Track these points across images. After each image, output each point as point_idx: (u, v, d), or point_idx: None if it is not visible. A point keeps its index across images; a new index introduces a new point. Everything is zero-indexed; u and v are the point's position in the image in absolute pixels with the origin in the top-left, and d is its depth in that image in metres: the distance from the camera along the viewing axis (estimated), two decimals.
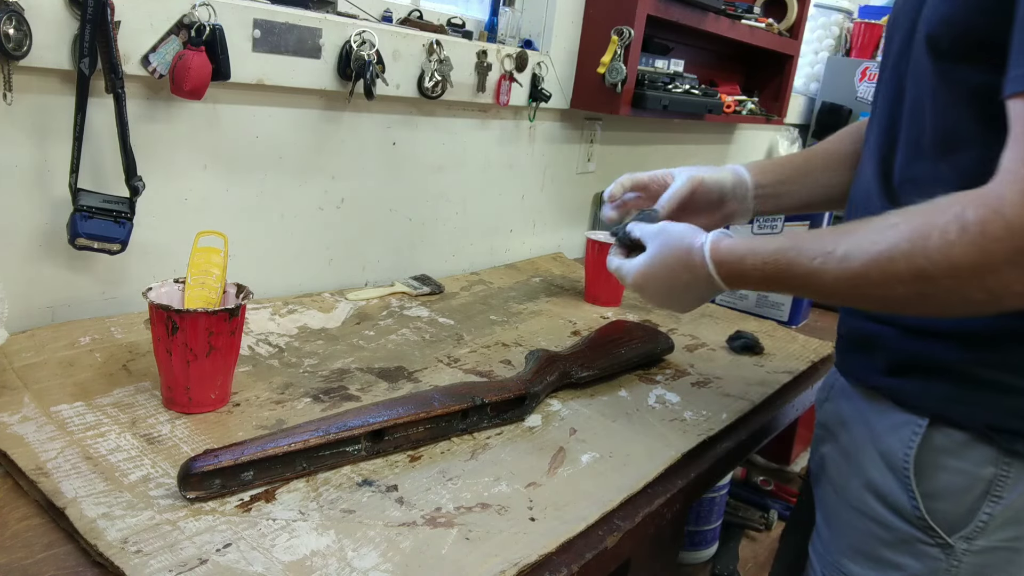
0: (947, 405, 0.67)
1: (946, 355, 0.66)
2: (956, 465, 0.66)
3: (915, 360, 0.69)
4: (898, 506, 0.70)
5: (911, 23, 0.68)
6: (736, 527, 1.57)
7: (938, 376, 0.67)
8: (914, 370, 0.69)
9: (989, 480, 0.65)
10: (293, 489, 0.67)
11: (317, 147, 1.16)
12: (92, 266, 0.95)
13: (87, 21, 0.81)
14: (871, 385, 0.73)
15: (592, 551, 0.65)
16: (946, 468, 0.67)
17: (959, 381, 0.66)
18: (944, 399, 0.67)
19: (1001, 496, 0.65)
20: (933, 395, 0.67)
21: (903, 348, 0.69)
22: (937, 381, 0.67)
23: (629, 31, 1.44)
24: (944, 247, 0.54)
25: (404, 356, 1.00)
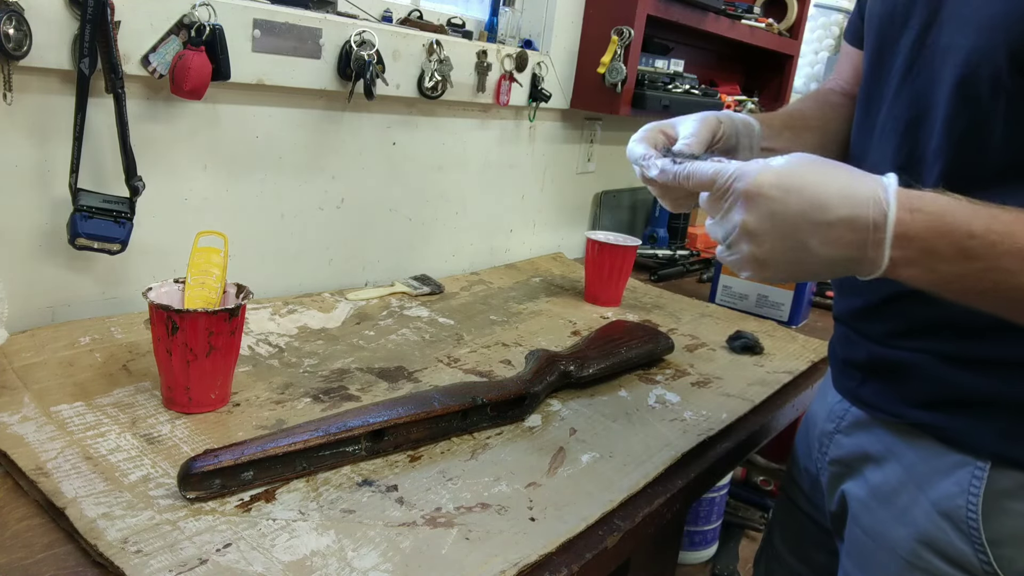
0: (1006, 443, 0.60)
1: (999, 387, 0.60)
2: (1021, 508, 0.61)
3: (961, 393, 0.62)
4: (959, 559, 0.63)
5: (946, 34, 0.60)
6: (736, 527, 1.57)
7: (994, 411, 0.61)
8: (962, 404, 0.62)
9: None
10: (293, 489, 0.67)
11: (317, 147, 1.16)
12: (92, 266, 0.95)
13: (87, 21, 0.81)
14: (908, 421, 0.66)
15: (592, 551, 0.65)
16: (1009, 512, 0.61)
17: (1017, 415, 0.60)
18: (1002, 436, 0.60)
19: None
20: (989, 433, 0.61)
21: (944, 379, 0.63)
22: (993, 417, 0.61)
23: (629, 31, 1.44)
24: None
25: (404, 356, 1.00)
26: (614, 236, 1.35)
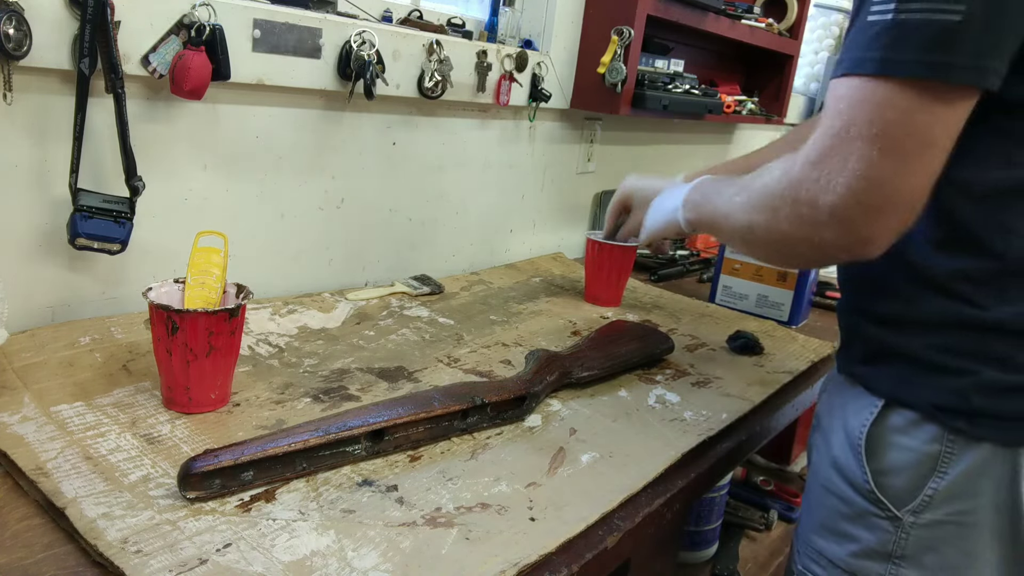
0: (900, 387, 0.72)
1: (903, 342, 0.72)
2: (905, 443, 0.71)
3: (882, 347, 0.74)
4: (854, 481, 0.74)
5: None
6: (736, 527, 1.56)
7: (896, 360, 0.72)
8: (877, 356, 0.74)
9: (935, 457, 0.69)
10: (293, 489, 0.67)
11: (317, 147, 1.16)
12: (92, 266, 0.95)
13: (87, 21, 0.81)
14: (850, 373, 0.78)
15: (592, 551, 0.65)
16: (896, 446, 0.71)
17: (912, 365, 0.71)
18: (899, 381, 0.72)
19: (946, 472, 0.69)
20: (890, 378, 0.73)
21: (873, 336, 0.75)
22: (895, 365, 0.72)
23: (629, 31, 1.44)
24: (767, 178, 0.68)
25: (404, 356, 1.00)
26: None
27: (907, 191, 0.59)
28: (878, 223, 0.60)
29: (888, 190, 0.59)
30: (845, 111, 0.60)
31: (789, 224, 0.65)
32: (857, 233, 0.61)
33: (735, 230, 0.75)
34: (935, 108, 0.58)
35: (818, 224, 0.62)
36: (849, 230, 0.61)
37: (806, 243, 0.64)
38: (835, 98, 0.61)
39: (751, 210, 0.71)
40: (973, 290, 0.67)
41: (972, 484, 0.68)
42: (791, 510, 1.64)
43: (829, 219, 0.61)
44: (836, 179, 0.60)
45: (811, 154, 0.62)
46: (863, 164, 0.58)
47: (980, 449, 0.68)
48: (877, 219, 0.60)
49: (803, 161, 0.63)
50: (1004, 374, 0.67)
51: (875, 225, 0.60)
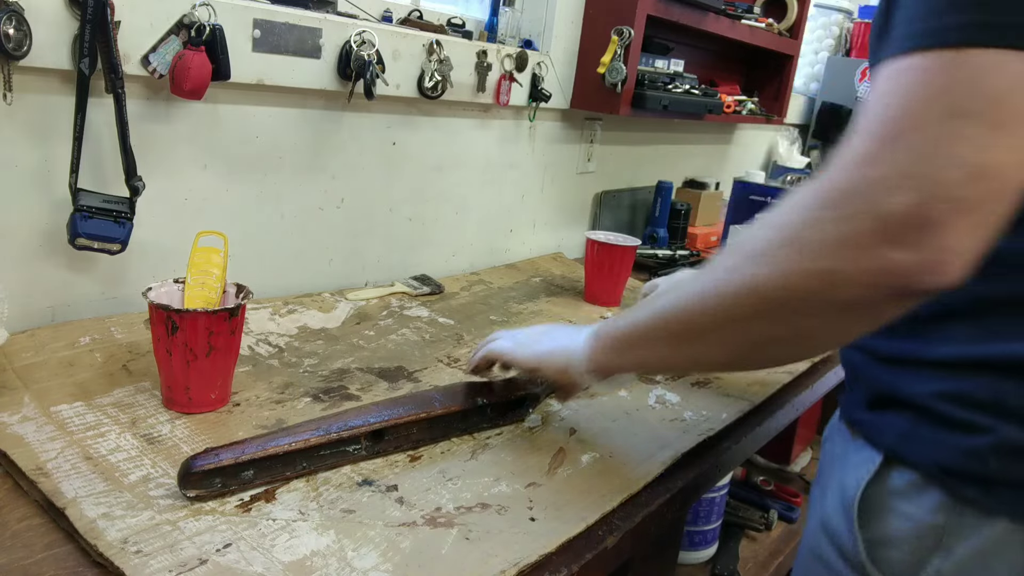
0: (904, 441, 0.60)
1: (914, 386, 0.60)
2: (905, 509, 0.59)
3: (888, 392, 0.62)
4: (845, 549, 0.63)
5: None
6: (736, 527, 1.56)
7: (904, 409, 0.61)
8: (881, 402, 0.63)
9: (939, 530, 0.57)
10: (293, 489, 0.67)
11: (317, 147, 1.16)
12: (92, 266, 0.95)
13: (87, 21, 0.81)
14: (851, 420, 0.67)
15: (592, 551, 0.65)
16: (895, 512, 0.60)
17: (921, 415, 0.59)
18: (902, 434, 0.60)
19: (951, 549, 0.57)
20: (894, 429, 0.61)
21: (877, 378, 0.64)
22: (902, 414, 0.61)
23: (629, 31, 1.44)
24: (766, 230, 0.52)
25: (404, 356, 1.00)
26: (614, 236, 1.35)
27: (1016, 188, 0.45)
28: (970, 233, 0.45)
29: (995, 187, 0.44)
30: (918, 88, 0.46)
31: (833, 255, 0.47)
32: (947, 242, 0.44)
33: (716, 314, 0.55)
34: None
35: (883, 239, 0.45)
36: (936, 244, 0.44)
37: (861, 279, 0.46)
38: (890, 79, 0.47)
39: (741, 270, 0.53)
40: (1002, 321, 0.54)
41: (984, 567, 0.56)
42: (791, 510, 1.64)
43: (904, 228, 0.44)
44: (919, 168, 0.44)
45: (865, 147, 0.46)
46: (969, 146, 0.43)
47: (995, 525, 0.56)
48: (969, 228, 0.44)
49: (845, 163, 0.47)
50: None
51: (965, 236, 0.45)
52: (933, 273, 0.45)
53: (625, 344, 0.67)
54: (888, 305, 0.48)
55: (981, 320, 0.56)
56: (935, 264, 0.45)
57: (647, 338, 0.64)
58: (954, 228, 0.44)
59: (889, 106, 0.46)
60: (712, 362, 0.64)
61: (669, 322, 0.61)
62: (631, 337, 0.67)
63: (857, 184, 0.46)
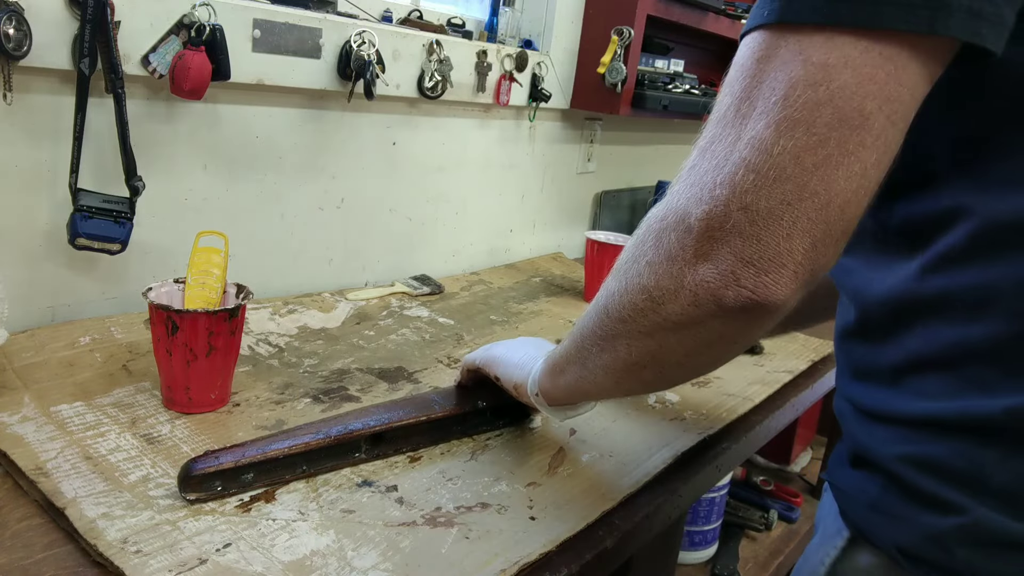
0: (869, 514, 0.51)
1: (882, 447, 0.51)
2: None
3: (861, 450, 0.54)
4: None
5: None
6: (736, 527, 1.56)
7: (877, 473, 0.52)
8: (862, 463, 0.54)
9: None
10: (293, 489, 0.67)
11: (317, 147, 1.16)
12: (92, 266, 0.95)
13: (87, 21, 0.81)
14: (832, 480, 0.58)
15: (592, 551, 0.65)
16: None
17: (888, 482, 0.50)
18: (869, 505, 0.51)
19: None
20: (863, 497, 0.52)
21: (854, 433, 0.55)
22: (873, 479, 0.52)
23: (629, 31, 1.44)
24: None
25: (404, 356, 1.00)
26: (614, 236, 1.35)
27: (823, 193, 0.39)
28: (774, 243, 0.40)
29: (792, 189, 0.39)
30: (736, 82, 0.43)
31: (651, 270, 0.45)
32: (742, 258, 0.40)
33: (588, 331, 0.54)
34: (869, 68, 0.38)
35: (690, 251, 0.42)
36: (732, 254, 0.40)
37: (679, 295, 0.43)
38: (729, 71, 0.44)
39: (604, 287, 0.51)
40: (982, 372, 0.45)
41: None
42: (791, 510, 1.64)
43: (703, 239, 0.41)
44: (716, 176, 0.41)
45: (691, 159, 0.44)
46: (752, 150, 0.40)
47: None
48: (771, 236, 0.40)
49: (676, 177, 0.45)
50: (1009, 519, 0.44)
51: (768, 246, 0.40)
52: (740, 287, 0.41)
53: (555, 368, 0.64)
54: (721, 324, 0.44)
55: (957, 370, 0.47)
56: (739, 278, 0.41)
57: (568, 363, 0.61)
58: (752, 237, 0.40)
59: (714, 109, 0.44)
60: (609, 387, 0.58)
61: (571, 349, 0.59)
62: (558, 362, 0.63)
63: (673, 197, 0.44)
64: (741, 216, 0.40)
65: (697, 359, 0.50)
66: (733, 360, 1.07)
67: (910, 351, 0.49)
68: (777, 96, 0.39)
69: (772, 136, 0.39)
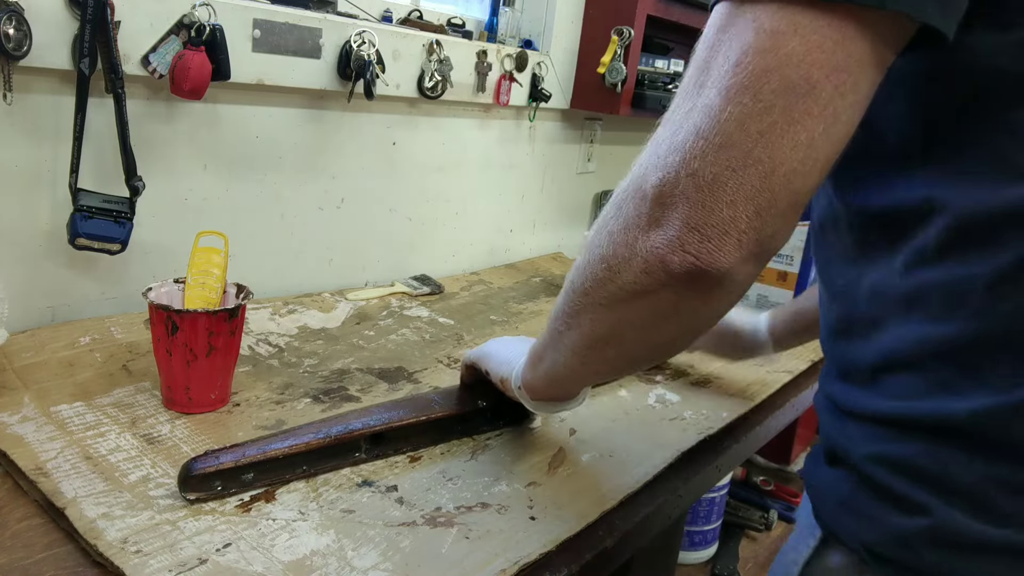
0: (839, 513, 0.51)
1: (855, 446, 0.51)
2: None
3: (834, 448, 0.54)
4: None
5: None
6: (736, 527, 1.57)
7: (846, 471, 0.52)
8: (835, 461, 0.54)
9: None
10: (293, 489, 0.67)
11: (317, 147, 1.16)
12: (92, 266, 0.95)
13: (87, 21, 0.81)
14: (808, 479, 0.57)
15: (592, 551, 0.65)
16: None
17: (859, 481, 0.50)
18: (840, 504, 0.51)
19: None
20: (835, 496, 0.52)
21: (831, 431, 0.55)
22: (844, 478, 0.51)
23: (629, 31, 1.44)
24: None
25: (404, 356, 1.00)
26: None
27: (767, 161, 0.39)
28: (718, 209, 0.40)
29: (736, 155, 0.39)
30: (699, 53, 0.43)
31: (610, 239, 0.45)
32: (688, 224, 0.41)
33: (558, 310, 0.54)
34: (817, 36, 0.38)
35: (644, 219, 0.43)
36: (679, 220, 0.41)
37: (633, 262, 0.44)
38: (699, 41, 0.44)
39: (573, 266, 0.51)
40: (948, 373, 0.45)
41: None
42: (791, 510, 1.64)
43: (655, 204, 0.42)
44: (671, 143, 0.41)
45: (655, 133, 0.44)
46: (703, 116, 0.40)
47: None
48: (716, 203, 0.40)
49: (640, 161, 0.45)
50: (973, 520, 0.44)
51: (713, 212, 0.40)
52: (685, 252, 0.41)
53: (534, 358, 0.64)
54: (673, 293, 0.44)
55: (925, 370, 0.47)
56: (684, 243, 0.41)
57: (545, 350, 0.61)
58: (699, 203, 0.40)
59: (683, 79, 0.44)
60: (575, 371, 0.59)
61: (547, 334, 0.59)
62: (536, 350, 0.64)
63: (637, 165, 0.45)
64: (689, 182, 0.40)
65: (654, 334, 0.50)
66: (733, 360, 1.08)
67: (885, 349, 0.49)
68: (729, 64, 0.40)
69: (721, 102, 0.40)
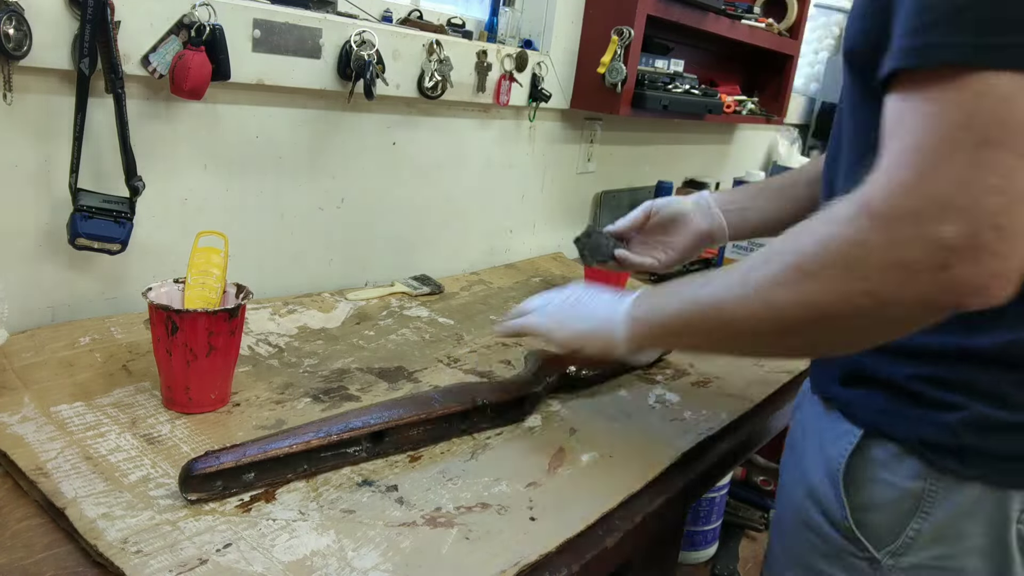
0: (882, 417, 0.66)
1: (889, 369, 0.66)
2: (887, 478, 0.65)
3: (863, 371, 0.68)
4: (832, 515, 0.69)
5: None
6: (736, 527, 1.57)
7: (879, 388, 0.66)
8: (858, 380, 0.68)
9: (918, 495, 0.64)
10: (293, 489, 0.67)
11: (317, 147, 1.16)
12: (92, 266, 0.95)
13: (87, 21, 0.81)
14: (827, 395, 0.72)
15: (592, 551, 0.65)
16: (878, 480, 0.66)
17: (897, 395, 0.65)
18: (880, 411, 0.66)
19: (929, 512, 0.63)
20: (871, 406, 0.67)
21: (855, 358, 0.69)
22: (878, 393, 0.66)
23: (629, 31, 1.44)
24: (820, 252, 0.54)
25: (404, 356, 1.00)
26: None
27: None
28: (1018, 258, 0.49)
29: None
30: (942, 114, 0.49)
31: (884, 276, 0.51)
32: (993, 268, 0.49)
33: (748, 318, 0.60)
34: None
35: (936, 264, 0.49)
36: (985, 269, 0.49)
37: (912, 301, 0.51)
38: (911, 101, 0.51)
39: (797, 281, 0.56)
40: (976, 316, 0.55)
41: (958, 527, 0.63)
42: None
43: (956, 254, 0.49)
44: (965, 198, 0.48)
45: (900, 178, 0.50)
46: (998, 176, 0.47)
47: (968, 489, 0.62)
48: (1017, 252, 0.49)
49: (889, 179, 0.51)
50: (997, 410, 0.61)
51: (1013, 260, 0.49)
52: (980, 295, 0.49)
53: (667, 332, 0.71)
54: (933, 319, 0.53)
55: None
56: (984, 288, 0.49)
57: (687, 330, 0.68)
58: (1001, 254, 0.48)
59: (921, 133, 0.50)
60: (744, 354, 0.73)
61: (709, 320, 0.65)
62: (673, 327, 0.70)
63: (902, 212, 0.50)
64: (992, 235, 0.48)
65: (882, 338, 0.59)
66: (733, 360, 1.10)
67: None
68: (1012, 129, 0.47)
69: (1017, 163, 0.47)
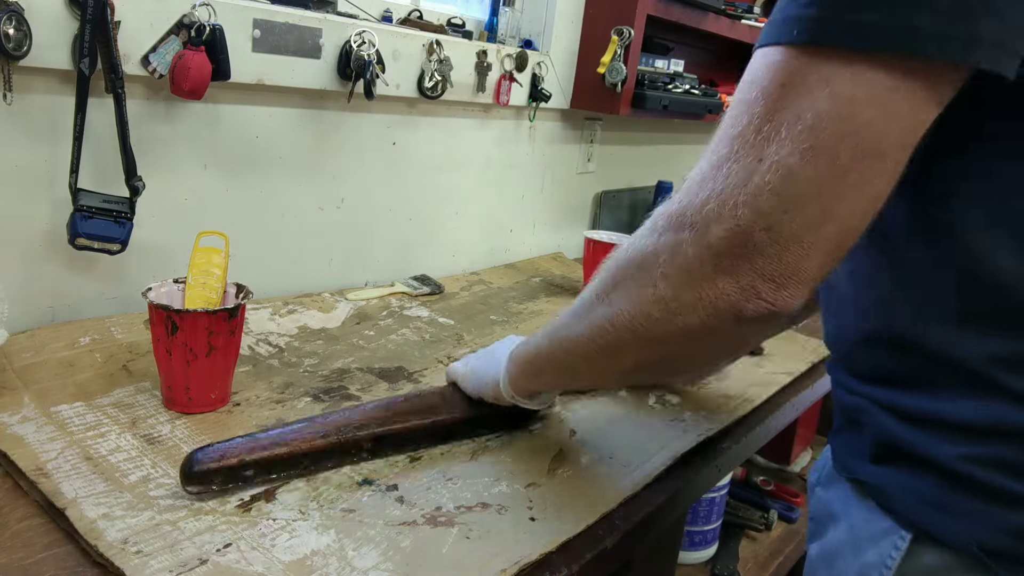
0: (931, 513, 0.52)
1: (932, 446, 0.51)
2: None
3: (899, 447, 0.54)
4: None
5: None
6: (736, 527, 1.56)
7: (922, 470, 0.52)
8: (898, 459, 0.54)
9: None
10: (293, 489, 0.67)
11: (317, 147, 1.16)
12: (92, 266, 0.95)
13: (87, 21, 0.81)
14: (855, 475, 0.58)
15: (592, 551, 0.65)
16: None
17: (945, 481, 0.51)
18: (927, 504, 0.52)
19: None
20: (915, 496, 0.52)
21: (887, 429, 0.55)
22: (921, 477, 0.52)
23: (629, 31, 1.44)
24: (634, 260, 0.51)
25: (404, 356, 1.00)
26: (614, 236, 1.35)
27: (844, 218, 0.43)
28: (793, 261, 0.44)
29: (815, 213, 0.42)
30: (756, 102, 0.45)
31: (668, 282, 0.47)
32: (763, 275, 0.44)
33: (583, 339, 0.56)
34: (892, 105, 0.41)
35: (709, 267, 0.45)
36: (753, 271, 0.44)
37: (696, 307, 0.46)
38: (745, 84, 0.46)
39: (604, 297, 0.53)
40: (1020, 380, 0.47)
41: None
42: (791, 510, 1.64)
43: (725, 256, 0.44)
44: (737, 196, 0.43)
45: (702, 169, 0.46)
46: (777, 176, 0.43)
47: None
48: (791, 256, 0.43)
49: (688, 185, 0.47)
50: None
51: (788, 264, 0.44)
52: (759, 300, 0.45)
53: (533, 370, 0.70)
54: (737, 330, 0.47)
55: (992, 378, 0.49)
56: (756, 291, 0.45)
57: (550, 367, 0.67)
58: (774, 256, 0.44)
59: (729, 122, 0.46)
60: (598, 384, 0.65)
61: (556, 353, 0.63)
62: (536, 364, 0.69)
63: (687, 209, 0.46)
64: (764, 236, 0.43)
65: (706, 359, 0.55)
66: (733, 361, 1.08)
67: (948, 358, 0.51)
68: (804, 125, 0.42)
69: (798, 164, 0.42)
